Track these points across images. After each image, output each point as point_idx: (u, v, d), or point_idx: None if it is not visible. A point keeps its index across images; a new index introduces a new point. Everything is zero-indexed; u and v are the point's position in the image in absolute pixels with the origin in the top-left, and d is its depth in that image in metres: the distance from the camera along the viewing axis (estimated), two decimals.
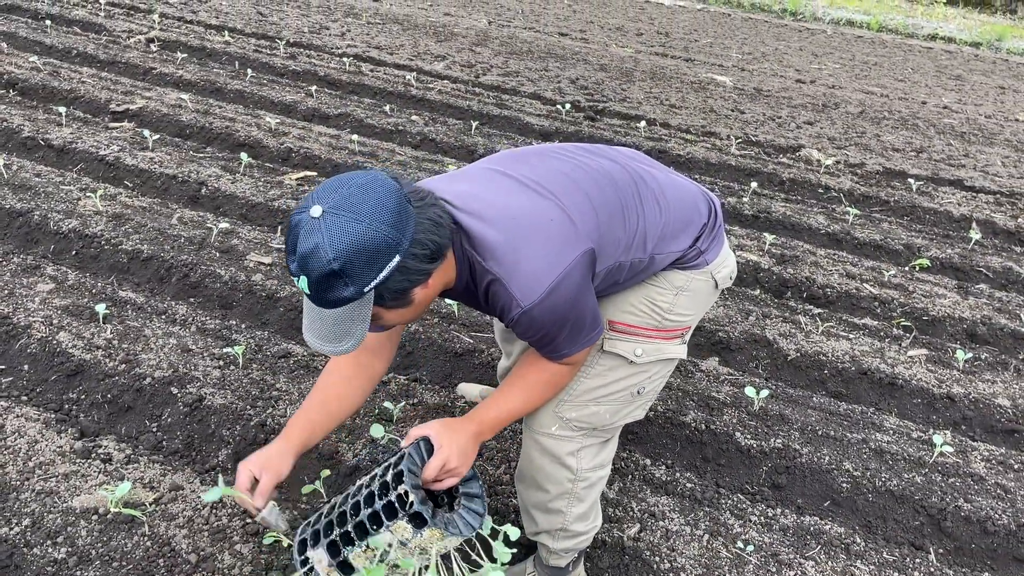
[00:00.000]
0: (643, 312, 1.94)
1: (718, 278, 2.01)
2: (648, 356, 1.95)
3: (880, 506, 2.63)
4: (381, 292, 1.53)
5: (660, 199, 1.90)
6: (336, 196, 1.47)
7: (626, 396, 1.97)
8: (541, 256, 1.65)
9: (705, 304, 2.05)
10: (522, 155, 1.93)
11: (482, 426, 1.83)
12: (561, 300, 1.65)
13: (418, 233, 1.51)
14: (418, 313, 1.71)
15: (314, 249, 1.44)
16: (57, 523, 2.13)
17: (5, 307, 3.02)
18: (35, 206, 3.85)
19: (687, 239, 1.93)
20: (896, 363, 3.41)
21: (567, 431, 1.96)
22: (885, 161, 6.64)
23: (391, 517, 1.67)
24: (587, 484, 2.03)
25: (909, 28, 16.56)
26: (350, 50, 8.35)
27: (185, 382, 2.76)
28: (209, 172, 4.58)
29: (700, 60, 10.53)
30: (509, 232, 1.67)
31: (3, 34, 7.07)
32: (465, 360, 3.17)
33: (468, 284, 1.75)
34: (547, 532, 2.09)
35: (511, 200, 1.74)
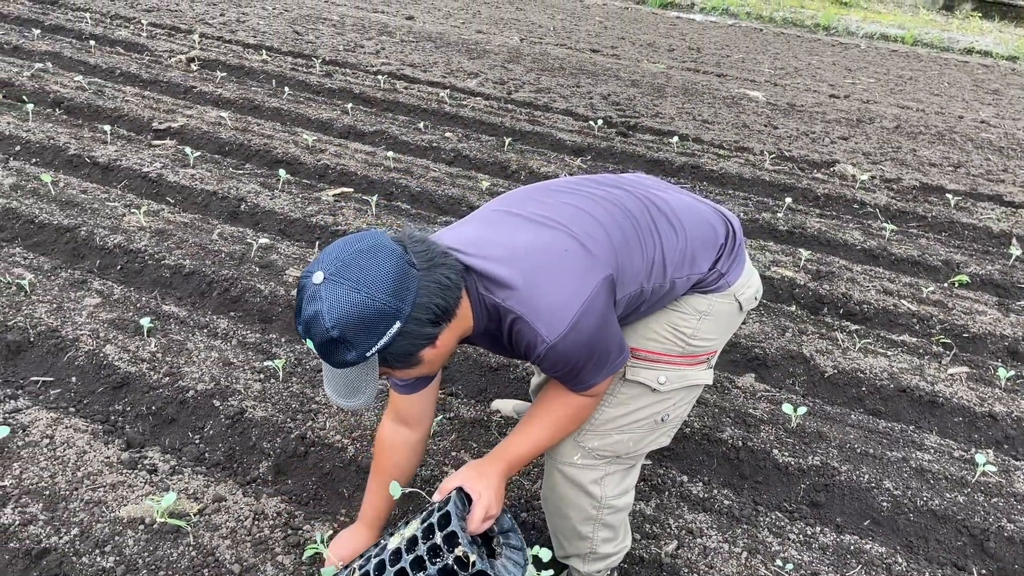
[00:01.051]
0: (666, 339, 1.92)
1: (742, 300, 1.97)
2: (672, 383, 1.93)
3: (922, 526, 2.60)
4: (385, 356, 1.55)
5: (675, 223, 1.88)
6: (337, 263, 1.50)
7: (649, 424, 1.95)
8: (561, 288, 1.63)
9: (730, 327, 2.02)
10: (527, 192, 1.93)
11: (509, 465, 1.83)
12: (586, 330, 1.64)
13: (421, 298, 1.52)
14: (435, 368, 1.72)
15: (315, 316, 1.48)
16: (105, 532, 2.18)
17: (54, 320, 3.10)
18: (82, 222, 3.95)
19: (706, 262, 1.90)
20: (936, 381, 3.38)
21: (590, 460, 1.94)
22: (922, 176, 6.58)
23: None
24: (612, 510, 2.02)
25: (944, 42, 16.38)
26: (384, 68, 8.46)
27: (227, 395, 2.81)
28: (248, 188, 4.67)
29: (732, 75, 10.51)
30: (524, 268, 1.65)
31: (50, 54, 7.27)
32: (500, 375, 3.19)
33: (488, 328, 1.73)
34: (577, 556, 2.09)
35: (521, 236, 1.73)
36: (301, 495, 2.51)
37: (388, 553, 1.77)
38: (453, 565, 1.64)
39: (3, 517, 2.18)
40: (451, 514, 1.68)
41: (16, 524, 2.16)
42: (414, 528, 1.77)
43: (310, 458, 2.61)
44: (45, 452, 2.45)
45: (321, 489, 2.53)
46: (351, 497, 2.49)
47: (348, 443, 2.65)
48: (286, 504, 2.41)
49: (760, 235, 4.98)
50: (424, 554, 1.68)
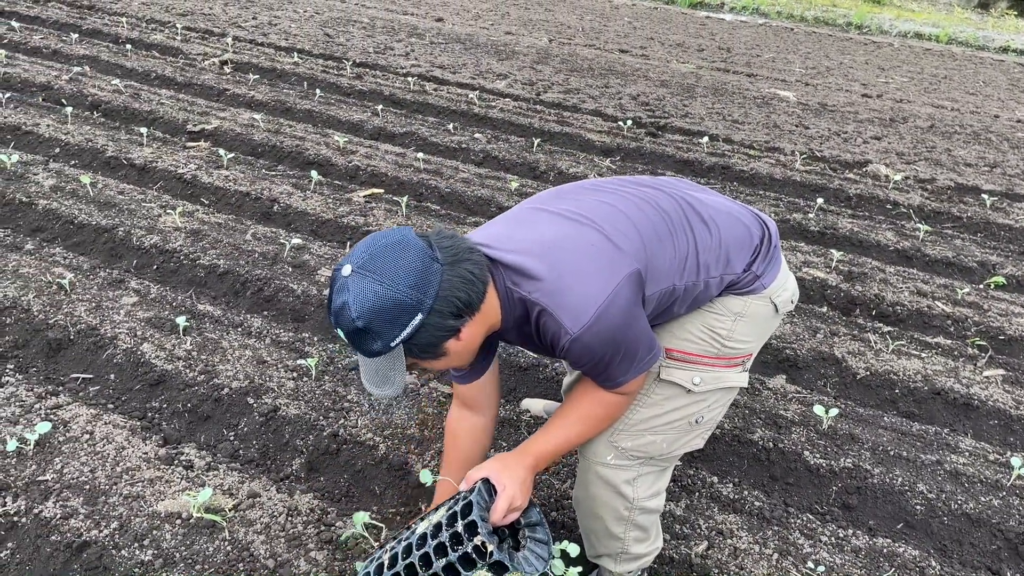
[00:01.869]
0: (701, 340, 1.91)
1: (778, 302, 1.96)
2: (707, 385, 1.92)
3: (956, 529, 2.57)
4: (410, 347, 1.61)
5: (709, 222, 1.87)
6: (365, 256, 1.57)
7: (683, 426, 1.95)
8: (586, 281, 1.65)
9: (766, 330, 2.00)
10: (559, 191, 1.95)
11: (537, 459, 1.84)
12: (611, 324, 1.64)
13: (443, 291, 1.57)
14: (464, 360, 1.76)
15: (342, 307, 1.56)
16: (143, 526, 2.22)
17: (93, 319, 3.17)
18: (119, 222, 4.03)
19: (740, 262, 1.90)
20: (971, 383, 3.33)
21: (623, 460, 1.94)
22: (957, 176, 6.49)
23: (468, 567, 1.68)
24: (644, 511, 2.01)
25: (980, 40, 16.12)
26: (414, 70, 8.51)
27: (260, 393, 2.85)
28: (281, 189, 4.73)
29: (763, 75, 10.44)
30: (550, 261, 1.68)
31: (87, 58, 7.40)
32: (530, 375, 3.21)
33: (518, 322, 1.75)
34: (608, 556, 2.10)
35: (548, 231, 1.75)
36: (333, 492, 2.54)
37: (416, 537, 1.81)
38: (472, 554, 1.67)
39: (45, 510, 2.23)
40: (473, 503, 1.71)
41: (57, 517, 2.21)
42: (440, 515, 1.80)
43: (342, 456, 2.64)
44: (85, 447, 2.51)
45: (353, 486, 2.57)
46: (382, 494, 2.52)
47: (380, 441, 2.68)
48: (319, 501, 2.44)
49: (791, 236, 4.94)
50: (446, 541, 1.72)
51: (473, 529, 1.69)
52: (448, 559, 1.70)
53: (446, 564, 1.70)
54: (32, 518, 2.21)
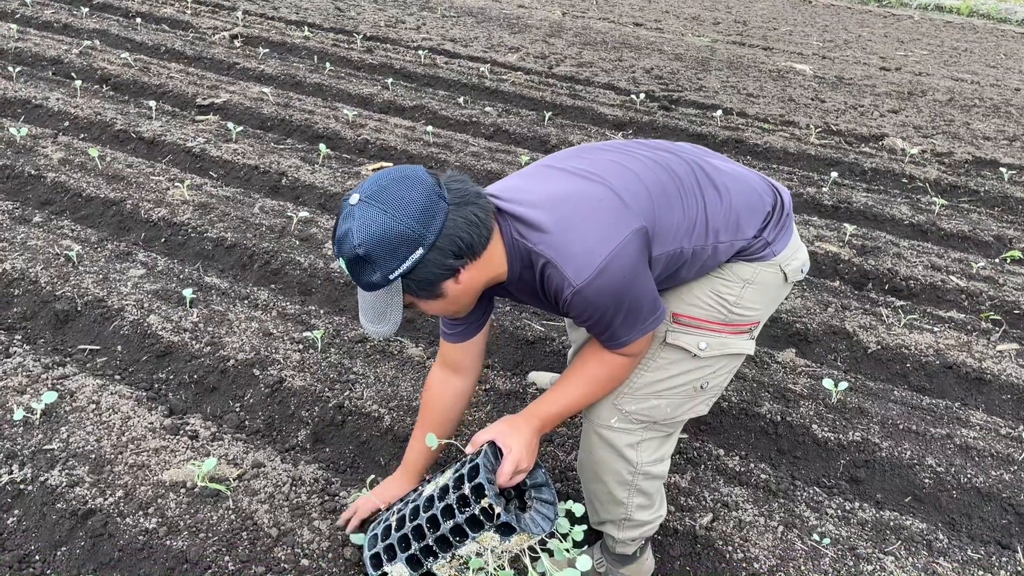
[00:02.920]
0: (708, 305, 1.90)
1: (788, 270, 1.94)
2: (713, 350, 1.90)
3: (965, 503, 2.55)
4: (408, 282, 1.62)
5: (720, 187, 1.86)
6: (374, 187, 1.59)
7: (688, 391, 1.93)
8: (591, 235, 1.65)
9: (775, 298, 1.99)
10: (574, 151, 1.94)
11: (543, 421, 1.85)
12: (615, 279, 1.64)
13: (447, 229, 1.58)
14: (460, 305, 1.76)
15: (346, 234, 1.58)
16: (148, 495, 2.23)
17: (101, 291, 3.17)
18: (127, 195, 4.03)
19: (751, 228, 1.88)
20: (984, 357, 3.29)
21: (627, 424, 1.93)
22: (975, 150, 6.39)
23: (475, 528, 1.69)
24: (648, 476, 2.00)
25: (1001, 13, 15.82)
26: (425, 43, 8.45)
27: (266, 364, 2.85)
28: (289, 163, 4.71)
29: (779, 48, 10.29)
30: (557, 213, 1.68)
31: (97, 32, 7.39)
32: (536, 348, 3.19)
33: (524, 276, 1.75)
34: (611, 522, 2.09)
35: (559, 186, 1.75)
36: (338, 463, 2.54)
37: (423, 499, 1.82)
38: (480, 515, 1.68)
39: (51, 478, 2.24)
40: (480, 466, 1.72)
41: (63, 485, 2.22)
42: (447, 478, 1.81)
43: (347, 427, 2.64)
44: (91, 417, 2.52)
45: (358, 457, 2.57)
46: (387, 465, 2.52)
47: (384, 413, 2.67)
48: (323, 471, 2.44)
49: (804, 210, 4.88)
50: (453, 503, 1.73)
51: (480, 491, 1.70)
52: (455, 521, 1.71)
53: (453, 526, 1.72)
54: (38, 486, 2.22)
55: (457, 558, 1.75)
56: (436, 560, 1.77)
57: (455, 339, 2.01)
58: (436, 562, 1.77)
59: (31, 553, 2.08)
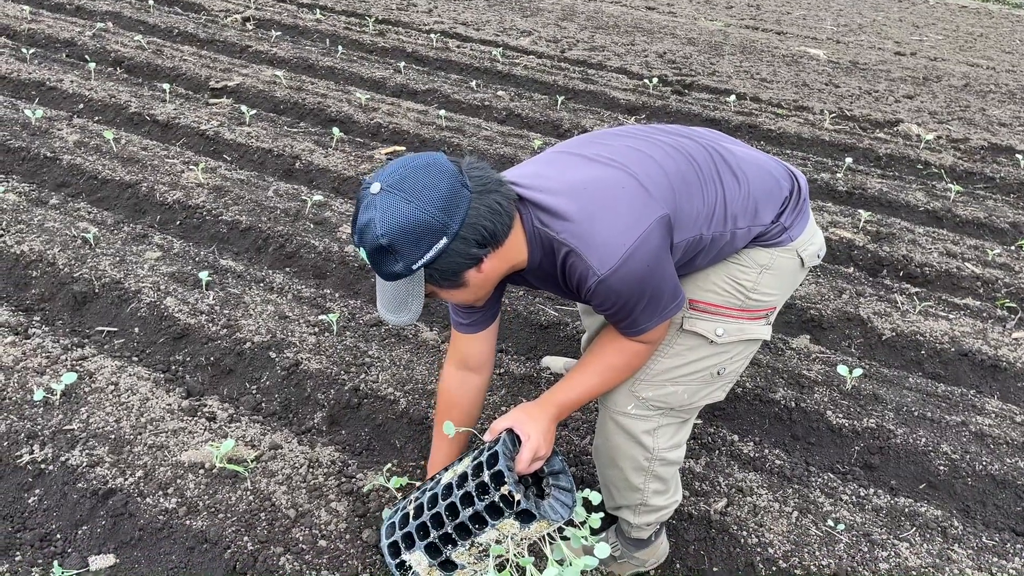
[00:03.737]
0: (725, 291, 1.89)
1: (804, 256, 1.93)
2: (730, 336, 1.90)
3: (980, 490, 2.55)
4: (431, 272, 1.59)
5: (738, 173, 1.85)
6: (395, 176, 1.56)
7: (705, 377, 1.94)
8: (615, 223, 1.64)
9: (791, 283, 1.98)
10: (592, 136, 1.93)
11: (560, 408, 1.85)
12: (638, 267, 1.64)
13: (470, 218, 1.56)
14: (481, 294, 1.75)
15: (368, 224, 1.55)
16: (167, 475, 2.25)
17: (118, 273, 3.19)
18: (142, 178, 4.04)
19: (769, 214, 1.87)
20: (1000, 345, 3.28)
21: (644, 410, 1.94)
22: (991, 136, 6.33)
23: (495, 515, 1.70)
24: (664, 462, 2.01)
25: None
26: (437, 26, 8.42)
27: (282, 347, 2.87)
28: (303, 146, 4.71)
29: (792, 33, 10.21)
30: (580, 202, 1.67)
31: (110, 14, 7.39)
32: (550, 332, 3.20)
33: (543, 263, 1.74)
34: (627, 507, 2.09)
35: (580, 173, 1.74)
36: (354, 445, 2.56)
37: (441, 487, 1.83)
38: (500, 503, 1.68)
39: (72, 458, 2.27)
40: (499, 454, 1.72)
41: (84, 465, 2.25)
42: (465, 465, 1.81)
43: (363, 409, 2.65)
44: (110, 398, 2.54)
45: (374, 440, 2.58)
46: (403, 448, 2.54)
47: (400, 396, 2.68)
48: (340, 453, 2.46)
49: (819, 196, 4.86)
50: (472, 491, 1.73)
51: (499, 479, 1.70)
52: (475, 508, 1.71)
53: (473, 513, 1.72)
54: (59, 466, 2.25)
55: (476, 545, 1.76)
56: (455, 548, 1.78)
57: (469, 329, 2.00)
58: (455, 550, 1.78)
59: (52, 532, 2.11)
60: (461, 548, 1.77)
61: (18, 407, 2.45)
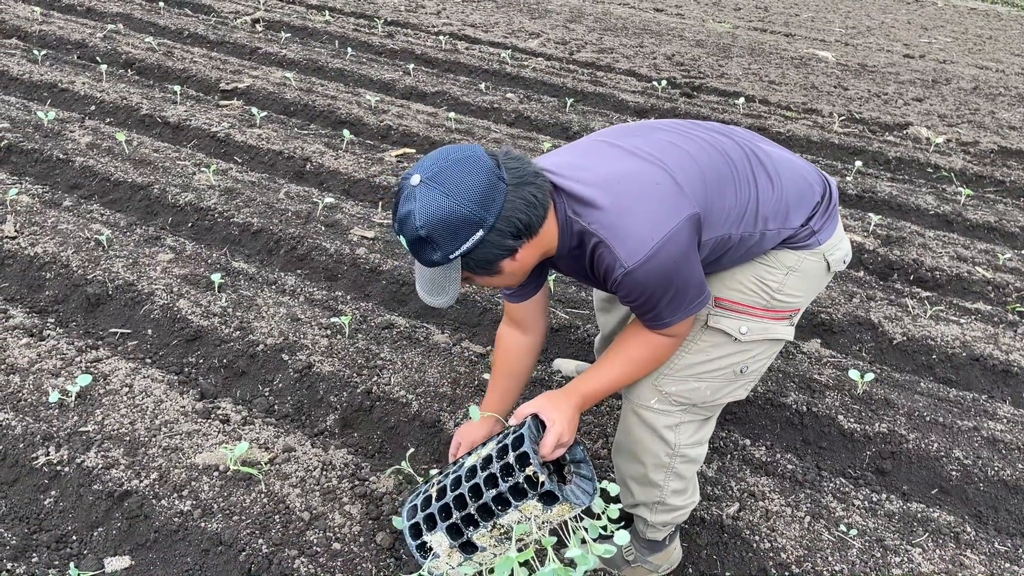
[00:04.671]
0: (751, 291, 1.92)
1: (831, 260, 1.95)
2: (753, 335, 1.92)
3: (992, 496, 2.55)
4: (468, 261, 1.66)
5: (773, 175, 1.87)
6: (434, 168, 1.61)
7: (728, 374, 1.96)
8: (646, 218, 1.67)
9: (817, 287, 2.00)
10: (630, 128, 1.95)
11: (584, 398, 1.88)
12: (665, 262, 1.66)
13: (506, 211, 1.61)
14: (515, 280, 1.81)
15: (408, 215, 1.61)
16: (182, 478, 2.27)
17: (131, 275, 3.21)
18: (154, 180, 4.06)
19: (799, 217, 1.89)
20: (1011, 350, 3.27)
21: (666, 405, 1.96)
22: (1001, 139, 6.32)
23: (518, 497, 1.72)
24: (685, 460, 2.02)
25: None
26: (446, 28, 8.43)
27: (295, 349, 2.88)
28: (313, 148, 4.73)
29: (801, 35, 10.20)
30: (614, 195, 1.70)
31: (121, 16, 7.42)
32: (561, 336, 3.20)
33: (572, 251, 1.78)
34: (644, 505, 2.10)
35: (616, 166, 1.77)
36: (367, 447, 2.57)
37: (465, 470, 1.86)
38: (523, 484, 1.71)
39: (87, 460, 2.28)
40: (524, 437, 1.75)
41: (99, 467, 2.26)
42: (490, 448, 1.84)
43: (375, 412, 2.66)
44: (125, 400, 2.55)
45: (386, 442, 2.59)
46: (415, 451, 2.55)
47: (412, 399, 2.69)
48: (352, 456, 2.47)
49: None
50: (497, 472, 1.76)
51: (524, 460, 1.73)
52: (499, 490, 1.75)
53: (497, 494, 1.75)
54: (75, 467, 2.26)
55: (498, 527, 1.78)
56: (477, 529, 1.80)
57: (516, 299, 2.07)
58: (477, 531, 1.80)
59: (68, 533, 2.12)
60: (483, 530, 1.80)
61: (34, 409, 2.46)
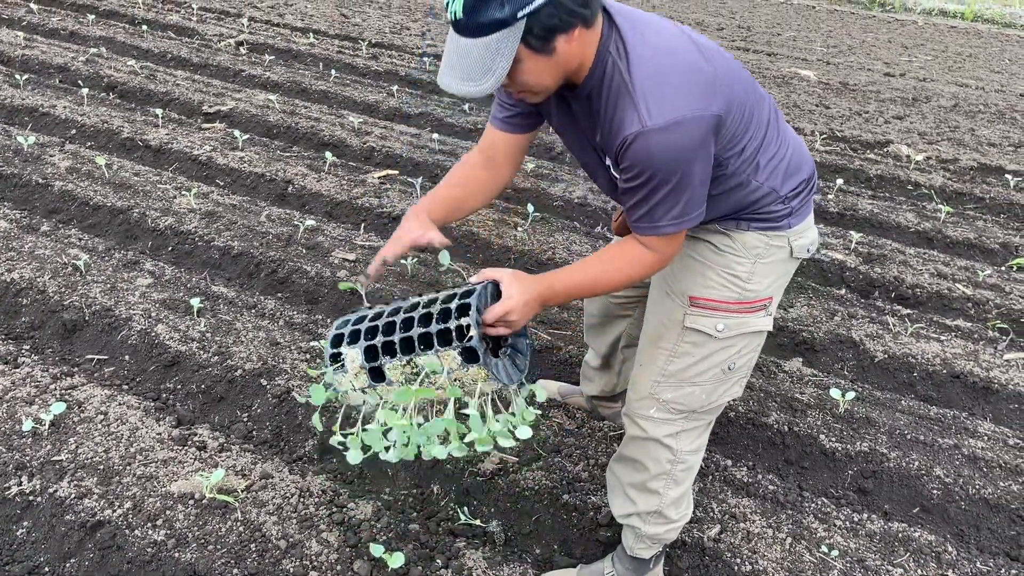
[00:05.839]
0: (722, 285, 1.91)
1: (795, 246, 1.93)
2: (731, 331, 1.93)
3: (973, 514, 2.54)
4: (531, 26, 1.54)
5: (782, 133, 1.88)
6: None
7: (717, 374, 1.96)
8: (682, 90, 1.62)
9: (783, 273, 1.98)
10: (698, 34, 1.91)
11: (551, 290, 1.81)
12: (682, 141, 1.61)
13: None
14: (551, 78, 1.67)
15: None
16: (156, 507, 2.24)
17: (108, 300, 3.18)
18: (134, 204, 4.04)
19: (787, 186, 1.87)
20: (991, 367, 3.28)
21: (665, 414, 1.98)
22: (980, 156, 6.38)
23: (443, 342, 1.71)
24: (685, 467, 2.05)
25: (1006, 18, 15.81)
26: (430, 49, 8.46)
27: (274, 374, 2.86)
28: (295, 171, 4.72)
29: (783, 54, 10.30)
30: (660, 58, 1.65)
31: (104, 39, 7.41)
32: (544, 357, 3.19)
33: (595, 92, 1.70)
34: (640, 515, 2.11)
35: (674, 41, 1.71)
36: (346, 473, 2.54)
37: (407, 303, 1.84)
38: (453, 333, 1.70)
39: (60, 490, 2.25)
40: (475, 292, 1.73)
41: (72, 497, 2.23)
42: (441, 295, 1.82)
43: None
44: (99, 428, 2.52)
45: (365, 468, 2.56)
46: (395, 476, 2.52)
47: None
48: (331, 482, 2.44)
49: None
50: (436, 314, 1.74)
51: (464, 311, 1.71)
52: (427, 329, 1.73)
53: (423, 332, 1.73)
54: (47, 497, 2.23)
55: (412, 365, 1.76)
56: (392, 359, 1.77)
57: (503, 125, 1.98)
58: (391, 361, 1.77)
59: (40, 565, 2.09)
60: (397, 362, 1.77)
61: (7, 438, 2.43)
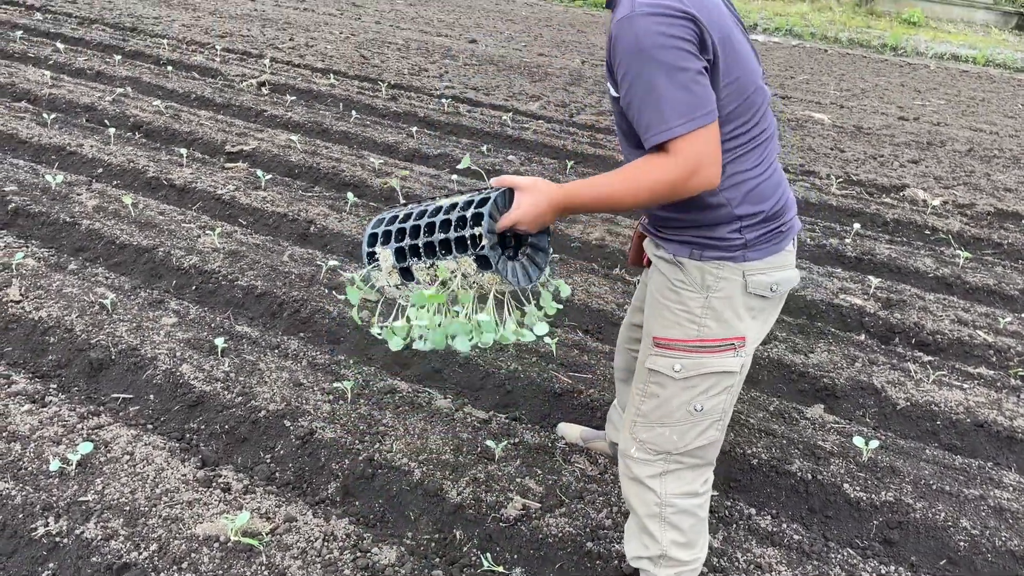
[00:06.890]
0: (678, 324, 1.87)
1: (751, 280, 1.85)
2: (688, 371, 1.88)
3: (1000, 567, 2.52)
4: None
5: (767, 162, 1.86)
6: None
7: (685, 415, 1.92)
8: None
9: (750, 309, 1.89)
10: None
11: (569, 196, 1.78)
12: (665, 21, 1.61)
13: None
14: None
15: None
16: (182, 549, 2.24)
17: (134, 339, 3.21)
18: (159, 242, 4.10)
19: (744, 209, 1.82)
20: (1015, 415, 3.26)
21: (644, 454, 2.00)
22: (997, 201, 6.39)
23: (460, 251, 1.79)
24: (676, 510, 2.02)
25: (1018, 62, 15.90)
26: (448, 91, 8.58)
27: (297, 415, 2.87)
28: (317, 211, 4.78)
29: (796, 97, 10.38)
30: None
31: (129, 79, 7.56)
32: (564, 400, 3.20)
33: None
34: (648, 559, 2.10)
35: None
36: (368, 517, 2.55)
37: (432, 207, 1.91)
38: (468, 240, 1.77)
39: (87, 531, 2.26)
40: (491, 200, 1.78)
41: (98, 539, 2.24)
42: (463, 198, 1.87)
43: (377, 480, 2.64)
44: (126, 468, 2.54)
45: (388, 511, 2.57)
46: (417, 520, 2.52)
47: (415, 466, 2.68)
48: (354, 526, 2.44)
49: (827, 261, 4.89)
50: (454, 220, 1.80)
51: (478, 220, 1.77)
52: (447, 235, 1.80)
53: (443, 239, 1.81)
54: (74, 539, 2.24)
55: (435, 267, 1.85)
56: (418, 261, 1.87)
57: None
58: (418, 263, 1.88)
59: None
60: (422, 264, 1.87)
61: (34, 478, 2.45)
